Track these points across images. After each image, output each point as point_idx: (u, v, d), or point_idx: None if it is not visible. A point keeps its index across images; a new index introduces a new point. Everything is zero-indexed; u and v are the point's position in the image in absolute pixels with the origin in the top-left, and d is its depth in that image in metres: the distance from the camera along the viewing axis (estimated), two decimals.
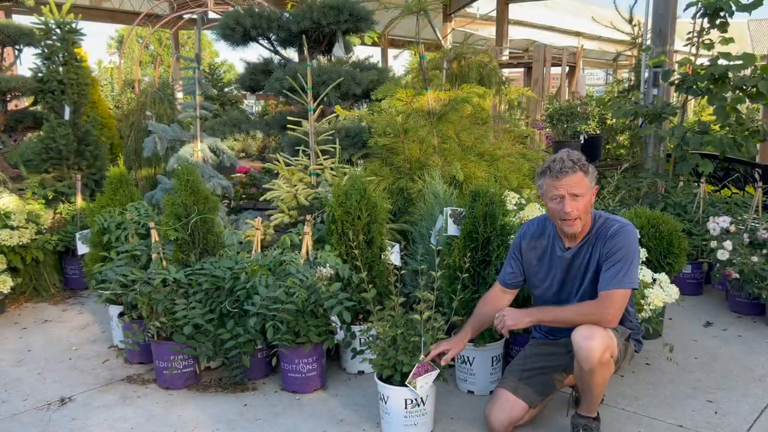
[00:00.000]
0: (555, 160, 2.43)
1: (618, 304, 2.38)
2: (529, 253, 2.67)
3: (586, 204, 2.43)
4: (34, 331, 3.95)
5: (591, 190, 2.45)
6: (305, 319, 2.96)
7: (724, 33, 4.99)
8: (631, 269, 2.40)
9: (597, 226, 2.52)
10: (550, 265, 2.62)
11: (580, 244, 2.53)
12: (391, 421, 2.58)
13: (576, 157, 2.42)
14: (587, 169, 2.43)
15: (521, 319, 2.49)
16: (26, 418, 2.87)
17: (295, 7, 5.42)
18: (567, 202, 2.39)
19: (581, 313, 2.43)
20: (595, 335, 2.32)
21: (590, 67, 19.10)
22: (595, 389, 2.45)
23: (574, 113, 6.76)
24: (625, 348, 2.56)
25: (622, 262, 2.39)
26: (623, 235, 2.44)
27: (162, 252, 3.33)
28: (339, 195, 3.23)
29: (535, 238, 2.66)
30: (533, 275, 2.68)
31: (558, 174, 2.39)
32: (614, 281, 2.38)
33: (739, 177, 5.78)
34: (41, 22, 4.99)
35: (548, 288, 2.64)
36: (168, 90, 6.50)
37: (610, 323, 2.39)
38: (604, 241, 2.46)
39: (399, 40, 16.67)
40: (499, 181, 3.95)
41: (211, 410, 2.91)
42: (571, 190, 2.39)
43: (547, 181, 2.45)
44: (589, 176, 2.43)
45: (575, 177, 2.39)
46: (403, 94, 4.28)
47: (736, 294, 4.07)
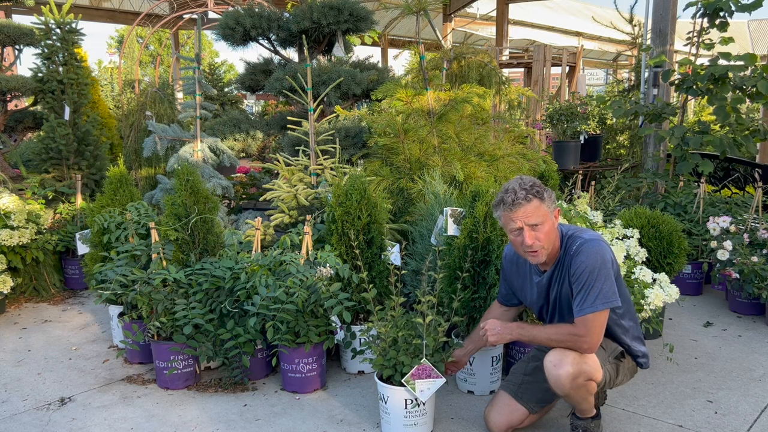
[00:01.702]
0: (507, 191, 2.35)
1: (594, 329, 2.28)
2: (514, 277, 2.67)
3: (548, 232, 2.34)
4: (34, 331, 3.95)
5: (551, 215, 2.35)
6: (305, 319, 2.96)
7: (724, 33, 4.99)
8: (600, 289, 2.27)
9: (565, 247, 2.42)
10: (531, 289, 2.59)
11: (553, 267, 2.46)
12: (391, 421, 2.58)
13: (528, 185, 2.33)
14: (542, 194, 2.33)
15: (502, 336, 2.47)
16: (26, 418, 2.87)
17: (295, 7, 5.41)
18: (526, 234, 2.31)
19: (557, 338, 2.35)
20: (564, 362, 2.28)
21: (590, 67, 19.10)
22: (581, 402, 2.42)
23: (574, 113, 6.76)
24: (616, 367, 2.48)
25: (587, 284, 2.29)
26: (584, 254, 2.32)
27: (162, 252, 3.33)
28: (339, 195, 3.23)
29: (515, 263, 2.64)
30: (522, 298, 2.68)
31: (511, 207, 2.31)
32: (584, 306, 2.29)
33: (739, 177, 5.78)
34: (41, 22, 5.00)
35: (539, 310, 2.62)
36: (168, 90, 6.50)
37: (589, 350, 2.31)
38: (569, 262, 2.37)
39: (399, 40, 16.69)
40: (499, 181, 3.95)
41: (211, 410, 2.91)
42: (528, 220, 2.31)
43: (503, 214, 2.36)
44: (546, 202, 2.33)
45: (530, 206, 2.30)
46: (403, 94, 4.28)
47: (736, 294, 4.08)
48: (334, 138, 4.34)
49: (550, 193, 2.36)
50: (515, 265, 2.64)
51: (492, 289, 2.96)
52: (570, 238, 2.41)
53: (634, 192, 5.39)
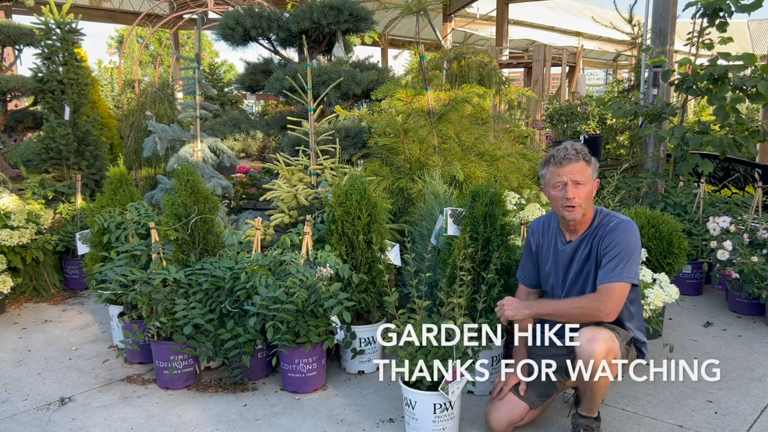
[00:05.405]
0: (559, 149, 2.50)
1: (616, 297, 2.38)
2: (538, 248, 2.73)
3: (588, 193, 2.47)
4: (34, 331, 3.95)
5: (593, 181, 2.50)
6: (305, 319, 2.96)
7: (724, 33, 4.99)
8: (630, 264, 2.40)
9: (598, 221, 2.54)
10: (554, 258, 2.65)
11: (581, 237, 2.55)
12: (418, 426, 2.56)
13: (579, 147, 2.49)
14: (590, 159, 2.49)
15: (520, 311, 2.52)
16: (26, 418, 2.87)
17: (295, 7, 5.42)
18: (569, 188, 2.45)
19: (578, 306, 2.44)
20: (597, 338, 2.33)
21: (590, 67, 19.10)
22: (597, 392, 2.45)
23: (574, 113, 6.76)
24: (627, 352, 2.54)
25: (620, 257, 2.40)
26: (622, 230, 2.45)
27: (162, 252, 3.33)
28: (339, 195, 3.23)
29: (541, 234, 2.72)
30: (541, 269, 2.72)
31: (561, 161, 2.45)
32: (612, 274, 2.39)
33: (739, 177, 5.78)
34: (41, 22, 4.99)
35: (553, 281, 2.66)
36: (168, 90, 6.50)
37: (608, 316, 2.39)
38: (603, 236, 2.48)
39: (399, 40, 16.70)
40: (499, 181, 3.95)
41: (211, 410, 2.91)
42: (574, 177, 2.44)
43: (550, 169, 2.50)
44: (591, 167, 2.49)
45: (578, 165, 2.45)
46: (403, 94, 4.28)
47: (736, 294, 4.07)
48: (334, 138, 4.34)
49: (595, 163, 2.52)
50: (541, 235, 2.71)
51: (492, 289, 2.96)
52: (606, 216, 2.55)
53: (634, 192, 5.39)
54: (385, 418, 2.81)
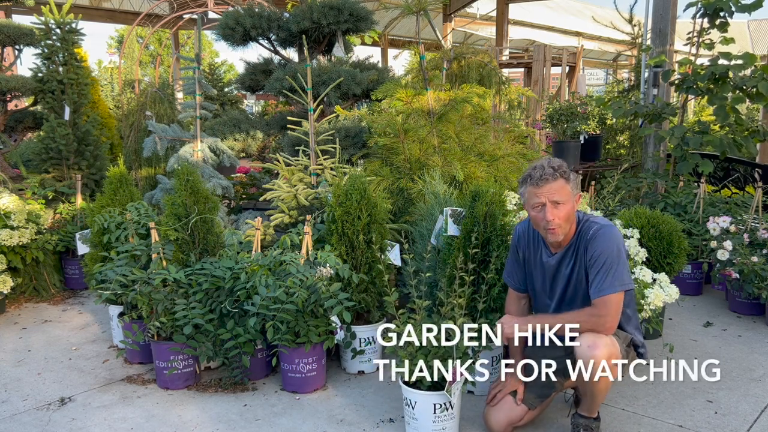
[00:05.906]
0: (535, 167, 2.43)
1: (613, 311, 2.36)
2: (524, 258, 2.69)
3: (568, 212, 2.41)
4: (34, 331, 3.95)
5: (573, 197, 2.43)
6: (305, 319, 2.96)
7: (724, 33, 4.99)
8: (618, 271, 2.36)
9: (578, 229, 2.50)
10: (540, 269, 2.62)
11: (565, 249, 2.52)
12: (418, 426, 2.56)
13: (557, 165, 2.42)
14: (568, 176, 2.42)
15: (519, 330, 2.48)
16: (26, 418, 2.87)
17: (295, 7, 5.42)
18: (548, 209, 2.38)
19: (578, 320, 2.39)
20: (598, 344, 2.31)
21: (590, 67, 19.10)
22: (598, 395, 2.44)
23: (574, 113, 6.76)
24: (627, 353, 2.54)
25: (606, 266, 2.36)
26: (602, 238, 2.40)
27: (162, 252, 3.33)
28: (339, 195, 3.23)
29: (527, 245, 2.67)
30: (528, 277, 2.70)
31: (538, 182, 2.39)
32: (604, 286, 2.36)
33: (739, 177, 5.78)
34: (41, 22, 4.99)
35: (542, 292, 2.65)
36: (168, 90, 6.50)
37: (608, 331, 2.37)
38: (586, 246, 2.44)
39: (399, 40, 16.69)
40: (499, 181, 3.95)
41: (211, 410, 2.91)
42: (552, 197, 2.38)
43: (528, 189, 2.44)
44: (570, 183, 2.42)
45: (556, 184, 2.38)
46: (403, 94, 4.28)
47: (736, 294, 4.07)
48: (334, 138, 4.34)
49: (574, 177, 2.46)
50: (526, 242, 2.66)
51: (492, 289, 2.96)
52: (586, 222, 2.49)
53: (634, 192, 5.39)
54: (385, 418, 2.81)
